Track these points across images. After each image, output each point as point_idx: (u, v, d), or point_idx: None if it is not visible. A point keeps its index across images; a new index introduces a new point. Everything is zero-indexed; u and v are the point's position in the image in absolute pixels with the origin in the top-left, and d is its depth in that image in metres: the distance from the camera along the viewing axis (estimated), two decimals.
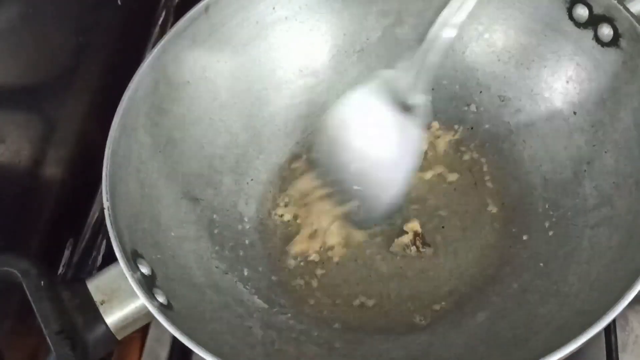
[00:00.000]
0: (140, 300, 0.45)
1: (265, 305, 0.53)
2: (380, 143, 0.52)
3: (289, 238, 0.58)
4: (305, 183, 0.59)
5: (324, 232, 0.57)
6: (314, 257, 0.57)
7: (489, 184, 0.58)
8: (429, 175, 0.59)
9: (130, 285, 0.45)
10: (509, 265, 0.54)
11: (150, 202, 0.53)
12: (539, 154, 0.57)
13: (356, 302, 0.54)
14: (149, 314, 0.45)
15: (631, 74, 0.51)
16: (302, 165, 0.61)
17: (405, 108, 0.51)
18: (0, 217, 0.52)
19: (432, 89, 0.61)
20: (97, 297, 0.46)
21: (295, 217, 0.59)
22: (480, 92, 0.61)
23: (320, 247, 0.57)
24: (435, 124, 0.61)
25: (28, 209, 0.55)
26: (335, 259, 0.56)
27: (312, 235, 0.57)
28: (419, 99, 0.50)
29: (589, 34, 0.53)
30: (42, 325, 0.44)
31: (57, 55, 0.58)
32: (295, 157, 0.62)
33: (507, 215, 0.56)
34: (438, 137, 0.61)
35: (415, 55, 0.49)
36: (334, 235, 0.57)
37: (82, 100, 0.62)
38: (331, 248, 0.57)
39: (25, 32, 0.53)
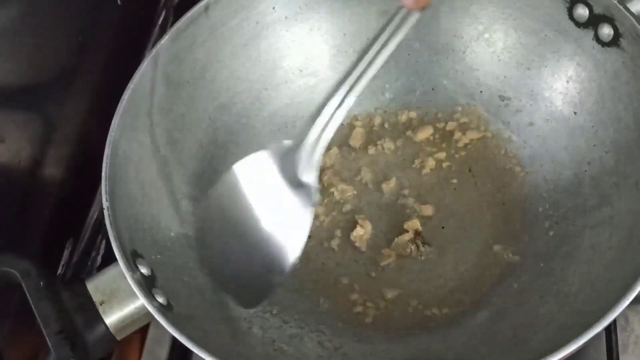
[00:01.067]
0: (140, 301, 0.45)
1: (265, 306, 0.53)
2: (270, 217, 0.48)
3: None
4: None
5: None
6: (314, 256, 0.57)
7: (489, 184, 0.58)
8: (428, 175, 0.59)
9: (130, 285, 0.45)
10: (509, 265, 0.54)
11: (150, 202, 0.53)
12: (539, 154, 0.57)
13: (356, 302, 0.54)
14: (148, 314, 0.45)
15: (631, 73, 0.51)
16: None
17: (296, 184, 0.48)
18: (0, 217, 0.52)
19: (432, 89, 0.62)
20: (96, 298, 0.46)
21: None
22: (481, 92, 0.61)
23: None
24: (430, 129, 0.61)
25: (28, 209, 0.55)
26: (336, 260, 0.56)
27: None
28: (310, 177, 0.47)
29: (589, 33, 0.53)
30: (42, 326, 0.44)
31: (57, 55, 0.58)
32: None
33: (507, 215, 0.56)
34: (438, 138, 0.61)
35: (308, 131, 0.46)
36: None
37: (82, 100, 0.62)
38: (330, 249, 0.57)
39: (25, 32, 0.53)
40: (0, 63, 0.52)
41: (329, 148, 0.61)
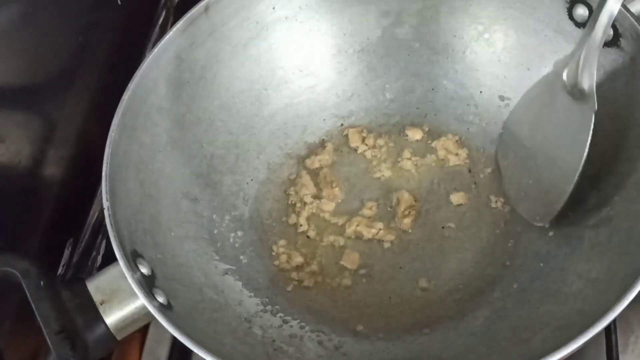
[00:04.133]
0: (140, 300, 0.45)
1: (265, 306, 0.53)
2: (553, 136, 0.53)
3: (288, 238, 0.58)
4: (308, 186, 0.60)
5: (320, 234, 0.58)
6: (314, 256, 0.57)
7: (489, 184, 0.58)
8: (429, 175, 0.59)
9: (130, 285, 0.45)
10: (508, 266, 0.54)
11: (150, 202, 0.53)
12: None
13: (356, 302, 0.54)
14: (148, 314, 0.45)
15: (631, 73, 0.51)
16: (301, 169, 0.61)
17: (575, 94, 0.51)
18: (0, 217, 0.52)
19: (432, 89, 0.62)
20: (96, 297, 0.46)
21: (294, 218, 0.59)
22: (480, 92, 0.61)
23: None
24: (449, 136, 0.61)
25: (28, 209, 0.55)
26: (335, 260, 0.57)
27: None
28: (587, 82, 0.50)
29: None
30: (42, 325, 0.44)
31: (57, 55, 0.58)
32: (295, 157, 0.62)
33: (507, 215, 0.56)
34: (438, 138, 0.61)
35: (580, 39, 0.49)
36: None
37: (82, 100, 0.62)
38: (330, 249, 0.57)
39: (25, 32, 0.53)
40: (0, 63, 0.52)
41: (324, 146, 0.62)
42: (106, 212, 0.47)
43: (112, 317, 0.46)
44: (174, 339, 0.44)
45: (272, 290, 0.55)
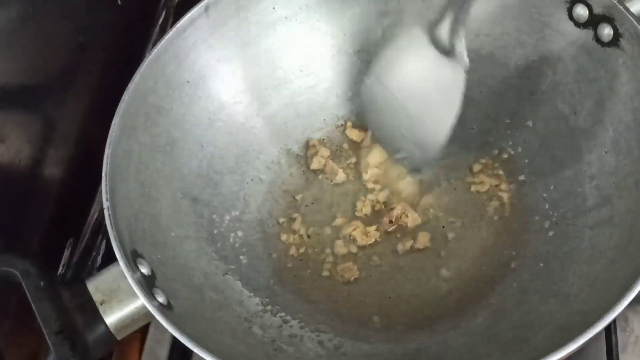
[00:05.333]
0: (140, 300, 0.45)
1: (265, 306, 0.53)
2: (424, 89, 0.55)
3: (287, 238, 0.58)
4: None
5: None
6: (314, 257, 0.57)
7: (489, 184, 0.58)
8: (428, 175, 0.59)
9: (130, 285, 0.45)
10: (509, 266, 0.54)
11: (150, 202, 0.53)
12: (539, 154, 0.57)
13: (356, 302, 0.54)
14: (148, 314, 0.45)
15: (631, 73, 0.51)
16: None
17: (445, 51, 0.53)
18: (0, 217, 0.52)
19: None
20: (96, 297, 0.46)
21: (294, 218, 0.59)
22: (480, 92, 0.60)
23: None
24: None
25: (28, 209, 0.55)
26: (336, 261, 0.57)
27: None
28: (457, 41, 0.51)
29: (589, 33, 0.53)
30: (42, 325, 0.44)
31: (57, 55, 0.58)
32: (295, 157, 0.62)
33: (507, 215, 0.56)
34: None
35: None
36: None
37: (82, 100, 0.62)
38: (330, 249, 0.57)
39: (25, 32, 0.53)
40: (0, 63, 0.52)
41: (324, 146, 0.62)
42: (106, 212, 0.47)
43: (112, 317, 0.46)
44: (174, 339, 0.44)
45: (272, 290, 0.55)
